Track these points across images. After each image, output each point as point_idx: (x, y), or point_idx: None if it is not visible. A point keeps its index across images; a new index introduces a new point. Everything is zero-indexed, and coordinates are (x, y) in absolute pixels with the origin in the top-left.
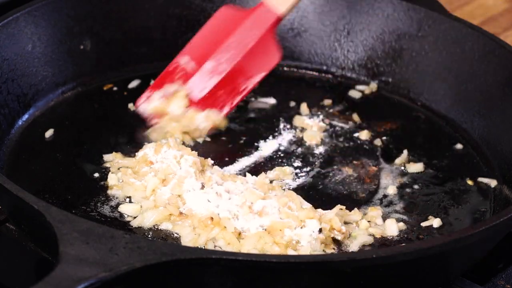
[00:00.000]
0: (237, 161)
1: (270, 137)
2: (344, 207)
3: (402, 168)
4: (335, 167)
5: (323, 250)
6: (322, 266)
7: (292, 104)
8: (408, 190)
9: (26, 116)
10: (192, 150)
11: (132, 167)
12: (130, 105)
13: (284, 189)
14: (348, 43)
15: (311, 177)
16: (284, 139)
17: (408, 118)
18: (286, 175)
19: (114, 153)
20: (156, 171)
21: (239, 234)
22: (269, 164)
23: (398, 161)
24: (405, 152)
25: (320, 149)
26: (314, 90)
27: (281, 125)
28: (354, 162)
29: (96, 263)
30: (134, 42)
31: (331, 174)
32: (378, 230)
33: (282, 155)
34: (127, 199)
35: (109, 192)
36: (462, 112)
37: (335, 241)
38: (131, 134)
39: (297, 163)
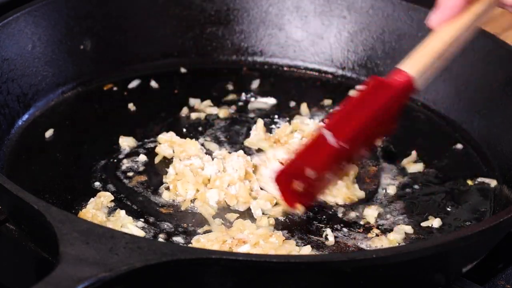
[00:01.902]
0: None
1: None
2: None
3: (402, 168)
4: None
5: None
6: (322, 266)
7: (292, 104)
8: (408, 190)
9: (26, 116)
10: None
11: None
12: (130, 105)
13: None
14: (348, 43)
15: None
16: None
17: (408, 118)
18: None
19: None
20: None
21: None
22: None
23: (405, 161)
24: (414, 153)
25: None
26: (314, 90)
27: (281, 126)
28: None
29: (96, 263)
30: (134, 42)
31: None
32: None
33: None
34: None
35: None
36: (462, 112)
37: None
38: (131, 134)
39: None
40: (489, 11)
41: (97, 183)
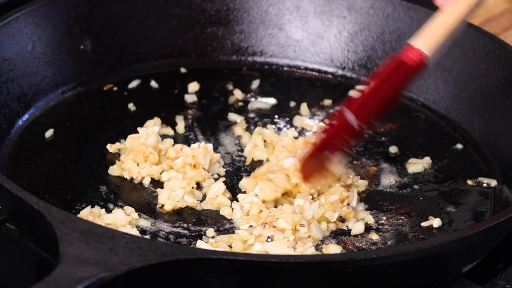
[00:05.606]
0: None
1: None
2: None
3: (402, 168)
4: None
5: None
6: (322, 266)
7: (292, 104)
8: (408, 190)
9: (26, 116)
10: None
11: None
12: (130, 105)
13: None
14: (348, 43)
15: None
16: None
17: (408, 118)
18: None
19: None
20: None
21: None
22: None
23: (410, 161)
24: (427, 158)
25: None
26: (314, 90)
27: (281, 125)
28: (354, 162)
29: (96, 263)
30: (134, 42)
31: None
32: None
33: None
34: None
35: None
36: (462, 112)
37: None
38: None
39: None
40: None
41: (97, 183)
